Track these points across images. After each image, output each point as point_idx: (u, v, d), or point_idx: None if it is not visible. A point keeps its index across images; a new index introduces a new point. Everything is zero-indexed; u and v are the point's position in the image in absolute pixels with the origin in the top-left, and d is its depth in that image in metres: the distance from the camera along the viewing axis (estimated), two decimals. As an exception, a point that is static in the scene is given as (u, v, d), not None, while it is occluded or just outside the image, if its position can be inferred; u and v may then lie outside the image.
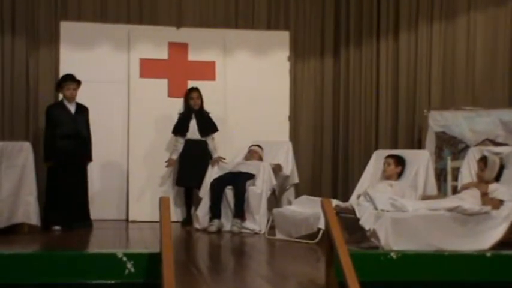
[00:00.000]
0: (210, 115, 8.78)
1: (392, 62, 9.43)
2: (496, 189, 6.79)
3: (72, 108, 8.16)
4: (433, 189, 7.39)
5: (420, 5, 9.31)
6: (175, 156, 8.70)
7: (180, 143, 8.69)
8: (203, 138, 8.70)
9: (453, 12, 9.27)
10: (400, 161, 7.42)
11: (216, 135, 8.80)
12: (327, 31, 9.73)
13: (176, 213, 8.78)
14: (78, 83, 8.15)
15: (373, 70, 9.50)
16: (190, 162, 8.62)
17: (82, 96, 8.26)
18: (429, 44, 9.27)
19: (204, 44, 9.37)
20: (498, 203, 6.65)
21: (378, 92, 9.46)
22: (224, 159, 8.68)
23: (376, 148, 8.81)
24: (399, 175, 7.40)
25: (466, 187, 7.00)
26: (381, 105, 9.43)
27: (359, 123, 9.52)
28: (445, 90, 9.27)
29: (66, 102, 8.16)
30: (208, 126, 8.73)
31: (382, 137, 9.38)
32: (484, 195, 6.77)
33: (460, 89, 9.22)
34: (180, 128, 8.70)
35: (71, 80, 8.12)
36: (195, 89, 8.77)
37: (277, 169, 8.48)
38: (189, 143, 8.68)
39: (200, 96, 8.75)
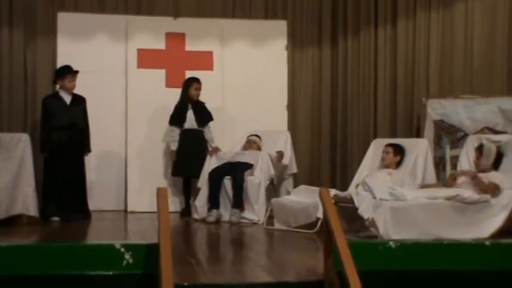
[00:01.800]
0: (206, 105, 8.76)
1: (390, 51, 9.40)
2: (494, 178, 6.77)
3: (68, 99, 8.13)
4: (431, 177, 7.38)
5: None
6: (175, 147, 8.67)
7: (177, 133, 8.67)
8: (200, 128, 8.68)
9: (451, 0, 9.23)
10: (399, 150, 7.42)
11: (213, 125, 8.79)
12: (325, 20, 9.71)
13: (175, 204, 8.79)
14: (77, 73, 8.15)
15: (371, 59, 9.48)
16: (188, 152, 8.60)
17: (79, 87, 8.23)
18: (427, 32, 9.23)
19: (201, 34, 9.36)
20: (493, 186, 6.60)
21: (376, 81, 9.44)
22: (219, 150, 8.66)
23: (375, 137, 8.80)
24: (398, 164, 7.40)
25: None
26: (379, 93, 9.41)
27: (357, 112, 9.51)
28: (444, 78, 9.24)
29: (62, 94, 8.14)
30: (204, 116, 8.72)
31: (381, 125, 9.36)
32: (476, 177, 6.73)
33: (458, 77, 9.19)
34: (177, 119, 8.68)
35: (72, 71, 8.10)
36: (198, 80, 8.73)
37: (279, 156, 8.46)
38: (186, 133, 8.66)
39: (200, 87, 8.73)
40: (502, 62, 9.06)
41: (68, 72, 8.11)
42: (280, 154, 8.53)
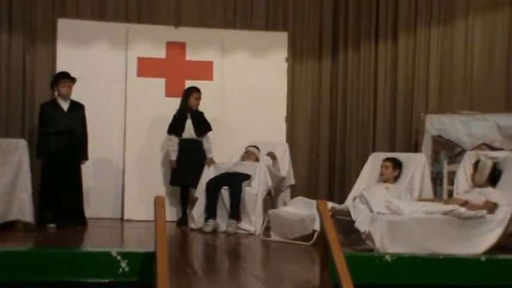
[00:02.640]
0: (204, 115, 8.75)
1: (390, 65, 9.42)
2: (491, 193, 6.77)
3: (65, 105, 8.13)
4: (429, 192, 7.38)
5: (419, 9, 9.30)
6: (175, 157, 8.65)
7: (175, 142, 8.66)
8: (198, 138, 8.68)
9: (451, 16, 9.26)
10: (397, 165, 7.41)
11: (212, 135, 8.78)
12: (325, 33, 9.74)
13: (171, 213, 8.75)
14: (74, 80, 8.13)
15: (371, 72, 9.50)
16: (186, 162, 8.58)
17: (79, 94, 8.24)
18: (427, 48, 9.25)
19: (202, 44, 9.37)
20: (492, 205, 6.62)
21: (376, 95, 9.45)
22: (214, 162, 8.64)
23: (374, 150, 8.80)
24: (396, 178, 7.40)
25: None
26: (378, 107, 9.42)
27: (356, 125, 9.52)
28: (443, 94, 9.25)
29: (60, 100, 8.14)
30: (203, 126, 8.71)
31: (380, 139, 9.37)
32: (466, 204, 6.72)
33: (458, 93, 9.20)
34: (175, 128, 8.67)
35: (66, 77, 8.10)
36: (198, 90, 8.72)
37: (272, 157, 8.47)
38: (184, 143, 8.64)
39: (200, 97, 8.73)
40: (501, 78, 9.08)
41: (60, 77, 8.12)
42: (272, 155, 8.52)
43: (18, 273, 4.27)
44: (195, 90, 8.71)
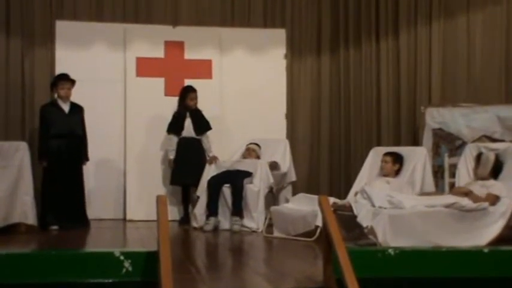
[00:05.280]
0: (203, 113, 8.75)
1: (392, 61, 9.42)
2: (493, 185, 6.78)
3: (66, 107, 8.14)
4: (430, 186, 7.38)
5: (419, 4, 9.30)
6: (173, 156, 8.66)
7: (175, 141, 8.66)
8: (198, 137, 8.68)
9: (452, 11, 9.27)
10: (398, 159, 7.42)
11: (212, 133, 8.79)
12: (324, 29, 9.73)
13: (173, 212, 8.77)
14: (73, 82, 8.13)
15: (373, 69, 9.51)
16: (186, 161, 8.58)
17: (78, 95, 8.24)
18: (428, 43, 9.26)
19: (200, 43, 9.37)
20: (494, 198, 6.63)
21: (379, 91, 9.46)
22: (217, 159, 8.64)
23: (379, 146, 8.79)
24: (397, 172, 7.40)
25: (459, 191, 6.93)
26: (382, 103, 9.43)
27: (360, 121, 9.53)
28: (446, 88, 9.25)
29: (60, 102, 8.14)
30: (202, 124, 8.71)
31: (384, 134, 9.37)
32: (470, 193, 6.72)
33: (460, 87, 9.21)
34: (175, 127, 8.68)
35: (65, 79, 8.11)
36: (193, 89, 8.73)
37: (273, 166, 8.48)
38: (184, 142, 8.65)
39: (196, 96, 8.73)
40: (501, 71, 9.08)
41: (60, 79, 8.13)
42: (274, 164, 8.54)
43: (22, 276, 4.28)
44: (190, 91, 8.71)
